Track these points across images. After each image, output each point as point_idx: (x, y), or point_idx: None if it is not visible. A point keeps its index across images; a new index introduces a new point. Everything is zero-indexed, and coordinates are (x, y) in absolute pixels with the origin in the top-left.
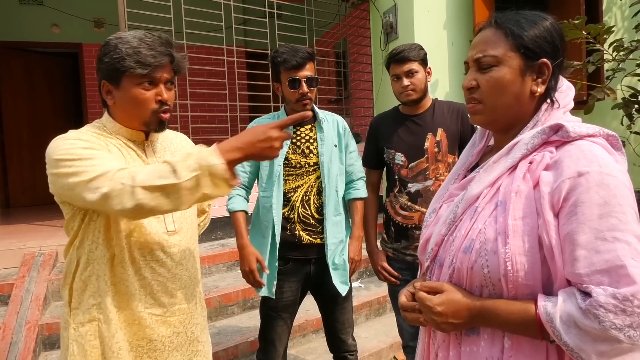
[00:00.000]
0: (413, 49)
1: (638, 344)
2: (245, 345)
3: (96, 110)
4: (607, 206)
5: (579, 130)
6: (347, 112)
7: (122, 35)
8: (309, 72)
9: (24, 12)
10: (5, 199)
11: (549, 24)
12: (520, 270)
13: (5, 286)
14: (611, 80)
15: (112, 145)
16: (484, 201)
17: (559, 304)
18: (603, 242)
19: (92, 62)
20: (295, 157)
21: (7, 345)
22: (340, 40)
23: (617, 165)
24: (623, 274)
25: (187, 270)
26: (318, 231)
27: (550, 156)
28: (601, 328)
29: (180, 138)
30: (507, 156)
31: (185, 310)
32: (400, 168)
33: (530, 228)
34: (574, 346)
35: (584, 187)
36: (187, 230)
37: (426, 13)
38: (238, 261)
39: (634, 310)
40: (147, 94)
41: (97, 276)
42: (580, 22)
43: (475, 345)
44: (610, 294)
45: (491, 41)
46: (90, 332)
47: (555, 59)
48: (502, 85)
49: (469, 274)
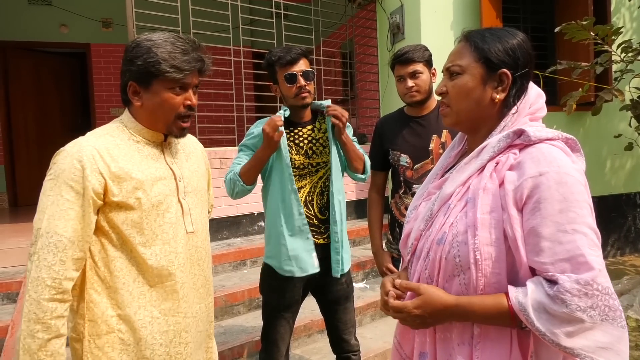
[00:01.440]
0: (417, 50)
1: (597, 323)
2: (250, 345)
3: (103, 109)
4: (566, 202)
5: (539, 135)
6: (353, 113)
7: (153, 37)
8: (304, 67)
9: (32, 12)
10: (13, 198)
11: (516, 40)
12: (488, 259)
13: (14, 284)
14: (619, 81)
15: (132, 145)
16: (456, 199)
17: (529, 293)
18: (564, 234)
19: (100, 62)
20: (299, 158)
21: (15, 342)
22: (347, 41)
23: (574, 165)
24: (583, 262)
25: (203, 270)
26: (321, 231)
27: (514, 157)
28: (568, 311)
29: (192, 140)
30: (476, 158)
31: (204, 309)
32: (406, 169)
33: (496, 221)
34: (545, 330)
35: (545, 186)
36: (203, 231)
37: (433, 14)
38: (244, 261)
39: (594, 293)
40: (177, 99)
41: (120, 287)
42: (588, 23)
43: (448, 332)
44: (574, 279)
45: (459, 52)
46: (108, 343)
47: (516, 70)
48: (465, 91)
49: (442, 263)
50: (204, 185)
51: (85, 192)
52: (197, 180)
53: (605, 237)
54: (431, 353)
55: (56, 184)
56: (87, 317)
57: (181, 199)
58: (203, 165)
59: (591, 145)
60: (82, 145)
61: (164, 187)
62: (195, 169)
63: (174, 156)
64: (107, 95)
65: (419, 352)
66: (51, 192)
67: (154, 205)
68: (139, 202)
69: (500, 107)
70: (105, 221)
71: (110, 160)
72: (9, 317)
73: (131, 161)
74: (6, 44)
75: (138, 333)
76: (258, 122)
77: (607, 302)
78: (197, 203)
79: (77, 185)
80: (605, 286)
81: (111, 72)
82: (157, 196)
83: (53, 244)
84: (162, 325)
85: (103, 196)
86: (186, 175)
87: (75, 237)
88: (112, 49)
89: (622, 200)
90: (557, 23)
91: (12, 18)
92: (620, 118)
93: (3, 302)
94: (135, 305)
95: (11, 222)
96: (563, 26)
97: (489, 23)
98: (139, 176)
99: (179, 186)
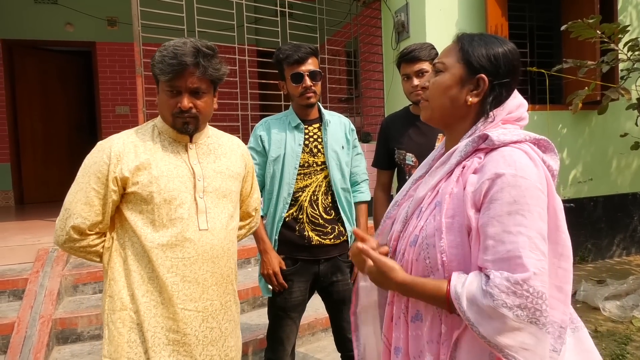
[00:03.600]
0: (424, 48)
1: (525, 324)
2: (255, 343)
3: (109, 107)
4: (515, 204)
5: (503, 139)
6: (357, 112)
7: (169, 42)
8: (312, 67)
9: (38, 11)
10: (19, 196)
11: (502, 49)
12: (454, 261)
13: (20, 281)
14: (626, 80)
15: (157, 145)
16: (427, 202)
17: (466, 284)
18: (508, 234)
19: (106, 61)
20: (304, 156)
21: (21, 339)
22: (352, 39)
23: (534, 169)
24: (519, 263)
25: (219, 268)
26: (327, 231)
27: (479, 161)
28: (494, 305)
29: (232, 142)
30: (446, 162)
31: (218, 306)
32: (411, 168)
33: (459, 225)
34: (474, 321)
35: (498, 187)
36: (221, 231)
37: (438, 12)
38: (248, 259)
39: (523, 293)
40: (169, 101)
41: (134, 270)
42: (594, 22)
43: (419, 330)
44: (505, 277)
45: (448, 51)
46: (120, 319)
47: (495, 77)
48: (442, 88)
49: (414, 264)
50: (233, 187)
51: (108, 184)
52: (222, 180)
53: (611, 236)
54: (404, 348)
55: (87, 173)
56: (108, 293)
57: (198, 197)
58: (239, 167)
59: (597, 144)
60: (113, 141)
61: (180, 184)
62: (222, 170)
63: (199, 156)
64: (112, 94)
65: (395, 346)
66: (82, 180)
67: (166, 200)
68: (151, 196)
69: (475, 111)
70: (125, 210)
71: (134, 155)
72: (15, 314)
73: (152, 157)
74: (12, 42)
75: (142, 315)
76: (262, 122)
77: (537, 306)
78: (217, 203)
79: (103, 177)
80: (538, 290)
81: (116, 71)
82: (171, 192)
83: (77, 224)
84: (163, 312)
85: (123, 188)
86: (209, 175)
87: (97, 220)
88: (117, 47)
89: (628, 200)
90: (564, 21)
91: (18, 17)
92: (626, 117)
93: (9, 299)
94: (143, 289)
95: (17, 219)
96: (569, 24)
97: (494, 21)
98: (155, 172)
99: (197, 185)
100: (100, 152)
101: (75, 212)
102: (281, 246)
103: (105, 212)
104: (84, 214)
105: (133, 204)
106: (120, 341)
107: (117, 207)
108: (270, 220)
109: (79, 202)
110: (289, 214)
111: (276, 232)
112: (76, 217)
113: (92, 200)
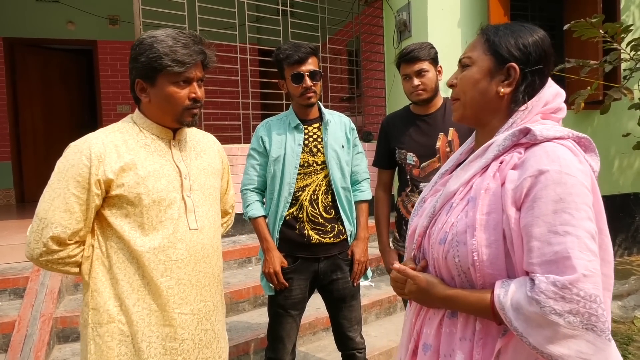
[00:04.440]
0: (423, 48)
1: (579, 331)
2: (256, 342)
3: (110, 106)
4: (562, 202)
5: (546, 134)
6: (359, 111)
7: (156, 34)
8: (312, 66)
9: (40, 9)
10: (20, 194)
11: (532, 37)
12: (486, 261)
13: (21, 279)
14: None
15: (141, 142)
16: (458, 197)
17: (509, 292)
18: (555, 235)
19: (107, 59)
20: (304, 155)
21: (22, 338)
22: (353, 39)
23: (579, 165)
24: (568, 265)
25: (210, 267)
26: (327, 230)
27: (519, 157)
28: (542, 313)
29: (208, 138)
30: (481, 156)
31: (211, 307)
32: (412, 168)
33: (495, 223)
34: (522, 331)
35: (542, 184)
36: (210, 229)
37: (440, 11)
38: (249, 258)
39: (572, 298)
40: (181, 92)
41: (121, 279)
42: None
43: (453, 327)
44: (551, 281)
45: (473, 45)
46: (108, 333)
47: (526, 65)
48: (471, 82)
49: (444, 262)
50: (215, 184)
51: (91, 188)
52: (206, 178)
53: (612, 237)
54: (435, 345)
55: (64, 177)
56: (91, 306)
57: (185, 196)
58: (217, 164)
59: (599, 144)
60: (91, 142)
61: (168, 184)
62: (205, 167)
63: (182, 153)
64: (113, 92)
65: (424, 342)
66: (59, 185)
67: (155, 201)
68: (139, 198)
69: (508, 102)
70: (108, 214)
71: (117, 156)
72: (16, 312)
73: (136, 157)
74: (13, 40)
75: (135, 325)
76: (263, 123)
77: (592, 310)
78: (204, 201)
79: (84, 181)
80: (590, 293)
81: (118, 69)
82: (159, 192)
83: (57, 234)
84: (158, 319)
85: (106, 191)
86: (193, 173)
87: (77, 228)
88: (118, 45)
89: (630, 199)
90: (566, 20)
91: (20, 15)
92: (628, 117)
93: (10, 298)
94: (134, 297)
95: (18, 218)
96: (572, 24)
97: (496, 20)
98: (142, 172)
99: (184, 183)
100: (77, 153)
101: (54, 220)
102: (282, 244)
103: (87, 219)
104: (64, 222)
105: (117, 207)
106: (109, 355)
107: (97, 213)
108: (272, 219)
109: (57, 209)
110: (290, 213)
111: (277, 230)
112: (55, 226)
113: (73, 207)
